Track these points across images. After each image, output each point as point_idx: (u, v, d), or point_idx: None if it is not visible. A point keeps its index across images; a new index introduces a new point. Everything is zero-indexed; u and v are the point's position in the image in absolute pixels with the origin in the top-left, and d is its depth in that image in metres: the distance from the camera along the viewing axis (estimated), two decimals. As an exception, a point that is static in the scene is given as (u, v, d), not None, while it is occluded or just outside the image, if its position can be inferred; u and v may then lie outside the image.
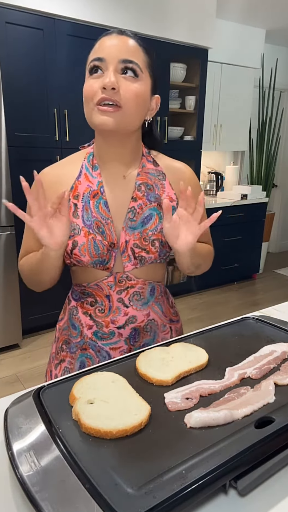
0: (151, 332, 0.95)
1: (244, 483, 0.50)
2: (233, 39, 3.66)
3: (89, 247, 0.84)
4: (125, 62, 0.76)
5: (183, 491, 0.44)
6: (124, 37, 0.78)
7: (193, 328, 0.97)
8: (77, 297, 0.94)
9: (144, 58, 0.79)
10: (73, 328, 0.95)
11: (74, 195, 0.86)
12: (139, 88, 0.78)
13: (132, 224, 0.86)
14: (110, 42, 0.77)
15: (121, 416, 0.55)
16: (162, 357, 0.72)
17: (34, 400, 0.61)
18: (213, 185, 4.01)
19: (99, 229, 0.84)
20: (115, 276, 0.88)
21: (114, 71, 0.76)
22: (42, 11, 2.36)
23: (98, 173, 0.87)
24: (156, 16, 2.79)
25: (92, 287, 0.90)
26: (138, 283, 0.89)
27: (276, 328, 0.85)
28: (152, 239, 0.86)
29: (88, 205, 0.85)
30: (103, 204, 0.85)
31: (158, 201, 0.88)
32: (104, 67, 0.76)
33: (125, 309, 0.90)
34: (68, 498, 0.44)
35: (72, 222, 0.85)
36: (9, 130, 2.39)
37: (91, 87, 0.77)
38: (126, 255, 0.86)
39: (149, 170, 0.90)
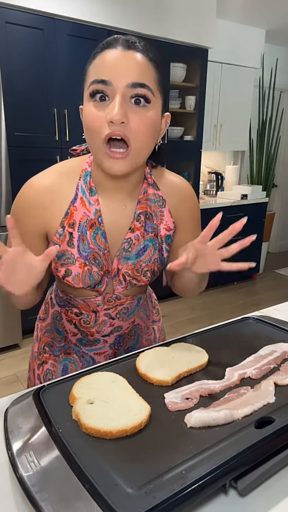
0: (135, 336, 0.95)
1: (244, 483, 0.50)
2: (233, 39, 3.66)
3: (84, 278, 0.79)
4: (135, 86, 0.64)
5: (183, 491, 0.44)
6: (131, 52, 0.65)
7: (193, 328, 0.97)
8: (61, 303, 0.90)
9: (155, 77, 0.67)
10: (57, 333, 0.93)
11: (70, 222, 0.77)
12: (151, 118, 0.67)
13: (126, 255, 0.81)
14: (115, 60, 0.64)
15: (121, 416, 0.55)
16: (162, 357, 0.72)
17: (34, 400, 0.61)
18: (213, 185, 4.01)
19: (96, 260, 0.79)
20: (104, 296, 0.84)
21: (122, 99, 0.63)
22: (42, 11, 2.36)
23: (96, 199, 0.78)
24: (156, 16, 2.79)
25: (78, 301, 0.86)
26: (127, 301, 0.87)
27: (276, 328, 0.85)
28: (144, 270, 0.83)
29: (84, 235, 0.78)
30: (101, 235, 0.78)
31: (155, 232, 0.83)
32: (110, 92, 0.64)
33: (111, 321, 0.88)
34: (68, 498, 0.44)
35: (67, 251, 0.78)
36: (9, 130, 2.39)
37: (96, 118, 0.65)
38: (118, 280, 0.83)
39: (150, 196, 0.83)
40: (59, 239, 0.78)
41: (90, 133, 0.67)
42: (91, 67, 0.67)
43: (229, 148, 4.08)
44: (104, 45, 0.67)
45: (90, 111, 0.66)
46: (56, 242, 0.78)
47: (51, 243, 0.79)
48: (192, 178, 3.47)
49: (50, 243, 0.79)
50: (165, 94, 0.72)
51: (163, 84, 0.70)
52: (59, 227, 0.77)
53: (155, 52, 0.69)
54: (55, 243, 0.78)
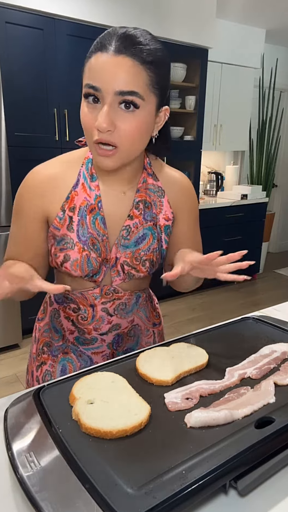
0: (135, 337, 0.94)
1: (244, 483, 0.50)
2: (233, 39, 3.66)
3: (82, 264, 0.80)
4: (122, 94, 0.66)
5: (183, 491, 0.44)
6: (121, 58, 0.65)
7: (193, 328, 0.97)
8: (59, 300, 0.91)
9: (146, 79, 0.68)
10: (54, 332, 0.93)
11: (70, 206, 0.80)
12: (140, 120, 0.69)
13: (125, 243, 0.83)
14: (105, 65, 0.65)
15: (121, 416, 0.55)
16: (162, 357, 0.72)
17: (34, 400, 0.61)
18: (213, 185, 4.01)
19: (94, 246, 0.80)
20: (101, 289, 0.85)
21: (109, 107, 0.66)
22: (42, 11, 2.36)
23: (96, 185, 0.81)
24: (156, 16, 2.79)
25: (76, 294, 0.87)
26: (124, 295, 0.87)
27: (276, 328, 0.85)
28: (143, 259, 0.84)
29: (84, 220, 0.80)
30: (100, 220, 0.81)
31: (154, 221, 0.85)
32: (100, 96, 0.67)
33: (109, 318, 0.88)
34: (68, 498, 0.44)
35: (66, 235, 0.80)
36: (9, 130, 2.39)
37: (88, 120, 0.69)
38: (116, 270, 0.84)
39: (149, 185, 0.85)
40: (59, 223, 0.80)
41: (84, 131, 0.72)
42: (86, 66, 0.69)
43: (229, 148, 4.08)
44: (98, 45, 0.67)
45: (84, 111, 0.70)
46: (56, 226, 0.80)
47: (51, 227, 0.81)
48: (192, 178, 3.47)
49: (50, 227, 0.81)
50: (162, 91, 0.73)
51: (158, 83, 0.70)
52: (60, 211, 0.80)
53: (152, 49, 0.68)
54: (55, 227, 0.80)
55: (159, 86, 0.71)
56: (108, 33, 0.68)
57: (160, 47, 0.71)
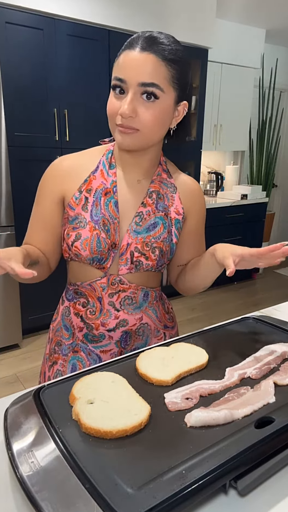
0: (143, 336, 0.94)
1: (244, 483, 0.50)
2: (233, 39, 3.66)
3: (92, 243, 0.84)
4: (144, 85, 0.74)
5: (183, 491, 0.44)
6: (146, 54, 0.74)
7: (193, 328, 0.97)
8: (70, 297, 0.95)
9: (167, 74, 0.76)
10: (65, 330, 0.95)
11: (87, 188, 0.87)
12: (158, 111, 0.77)
13: (137, 229, 0.87)
14: (131, 61, 0.75)
15: (121, 416, 0.55)
16: (162, 357, 0.72)
17: (34, 400, 0.61)
18: (213, 185, 4.01)
19: (105, 227, 0.85)
20: (108, 278, 0.88)
21: (133, 96, 0.75)
22: (42, 11, 2.36)
23: (114, 172, 0.88)
24: (156, 16, 2.79)
25: (85, 286, 0.90)
26: (130, 288, 0.90)
27: (276, 328, 0.85)
28: (153, 246, 0.87)
29: (98, 201, 0.86)
30: (114, 203, 0.86)
31: (165, 211, 0.90)
32: (125, 88, 0.76)
33: (115, 313, 0.90)
34: (68, 498, 0.44)
35: (80, 214, 0.85)
36: (9, 130, 2.39)
37: (113, 107, 0.78)
38: (124, 258, 0.87)
39: (163, 179, 0.91)
40: (75, 202, 0.86)
41: (109, 116, 0.80)
42: (116, 62, 0.79)
43: (229, 148, 4.08)
44: (127, 45, 0.77)
45: (111, 100, 0.79)
46: (72, 206, 0.86)
47: (67, 207, 0.87)
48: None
49: (66, 207, 0.87)
50: (182, 86, 0.80)
51: (179, 79, 0.78)
52: (77, 191, 0.87)
53: (174, 49, 0.77)
54: (71, 206, 0.86)
55: (178, 82, 0.79)
56: (136, 35, 0.78)
57: (181, 48, 0.79)
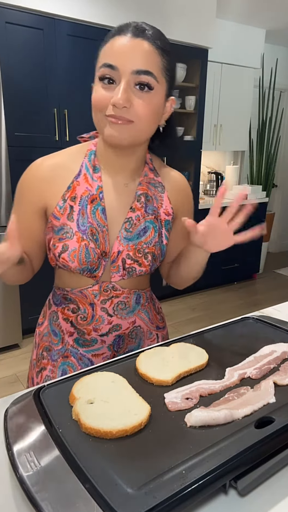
0: (136, 339, 0.93)
1: (244, 483, 0.50)
2: (233, 39, 3.66)
3: (80, 254, 0.79)
4: (139, 73, 0.69)
5: (183, 491, 0.44)
6: (139, 40, 0.69)
7: (193, 328, 0.97)
8: (58, 302, 0.90)
9: (160, 63, 0.72)
10: (53, 335, 0.91)
11: (71, 196, 0.80)
12: (153, 102, 0.72)
13: (127, 235, 0.83)
14: (123, 46, 0.69)
15: (121, 416, 0.55)
16: (162, 357, 0.72)
17: (34, 400, 0.61)
18: (213, 185, 4.01)
19: (93, 236, 0.80)
20: (100, 285, 0.85)
21: (127, 85, 0.69)
22: (42, 11, 2.36)
23: (99, 176, 0.82)
24: (156, 16, 2.79)
25: (75, 293, 0.86)
26: (123, 293, 0.87)
27: (276, 328, 0.85)
28: (145, 252, 0.84)
29: (84, 209, 0.80)
30: (101, 211, 0.81)
31: (155, 214, 0.86)
32: (116, 77, 0.69)
33: (109, 318, 0.87)
34: (68, 498, 0.44)
35: (65, 224, 0.80)
36: (9, 130, 2.39)
37: (102, 98, 0.71)
38: (116, 265, 0.83)
39: (150, 180, 0.87)
40: (59, 212, 0.80)
41: (96, 109, 0.73)
42: (102, 50, 0.72)
43: (229, 148, 4.08)
44: (116, 31, 0.71)
45: (99, 91, 0.72)
46: (56, 215, 0.80)
47: (50, 217, 0.81)
48: (192, 178, 3.47)
49: (50, 217, 0.81)
50: (171, 80, 0.76)
51: (169, 70, 0.74)
52: (61, 199, 0.80)
53: (164, 40, 0.73)
54: (55, 216, 0.80)
55: (169, 74, 0.75)
56: (124, 23, 0.72)
57: (168, 41, 0.75)
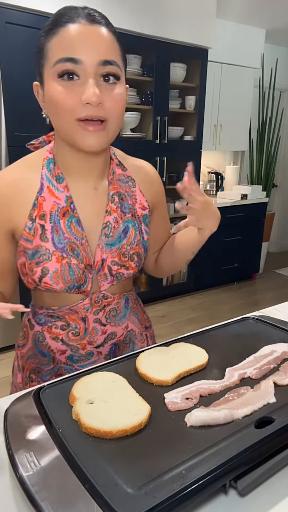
0: (130, 343, 0.90)
1: (244, 483, 0.50)
2: (233, 39, 3.66)
3: (63, 273, 0.73)
4: (105, 64, 0.63)
5: (183, 491, 0.44)
6: (96, 27, 0.62)
7: (193, 328, 0.96)
8: (42, 321, 0.83)
9: (119, 50, 0.66)
10: (42, 356, 0.84)
11: (40, 214, 0.73)
12: (121, 94, 0.66)
13: (108, 241, 0.78)
14: (82, 36, 0.61)
15: (121, 416, 0.55)
16: (162, 357, 0.72)
17: (34, 400, 0.61)
18: (213, 185, 4.01)
19: (74, 251, 0.74)
20: (91, 298, 0.80)
21: (95, 79, 0.62)
22: (42, 11, 2.35)
23: (64, 185, 0.75)
24: (156, 16, 2.79)
25: (64, 311, 0.80)
26: (114, 300, 0.83)
27: (276, 328, 0.85)
28: (131, 254, 0.80)
29: (58, 226, 0.73)
30: (76, 222, 0.75)
31: (132, 212, 0.82)
32: (80, 71, 0.62)
33: (102, 328, 0.83)
34: (68, 498, 0.44)
35: (40, 246, 0.73)
36: (9, 130, 2.39)
37: (67, 98, 0.63)
38: (102, 274, 0.79)
39: (119, 176, 0.81)
40: (30, 234, 0.73)
41: (60, 112, 0.65)
42: (52, 42, 0.63)
43: (229, 148, 4.08)
44: (65, 19, 0.63)
45: (58, 90, 0.63)
46: (27, 238, 0.73)
47: (21, 241, 0.74)
48: (192, 178, 3.46)
49: (20, 241, 0.74)
50: (126, 66, 0.72)
51: (124, 56, 0.69)
52: (28, 220, 0.73)
53: (111, 23, 0.68)
54: (26, 238, 0.73)
55: (124, 61, 0.70)
56: (67, 8, 0.64)
57: None
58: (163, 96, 3.00)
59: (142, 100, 2.99)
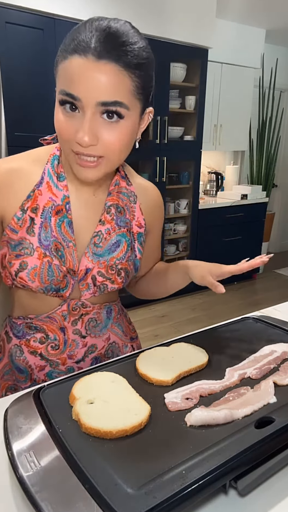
0: (113, 356, 0.87)
1: (244, 483, 0.50)
2: (233, 39, 3.66)
3: (42, 272, 0.71)
4: (106, 105, 0.59)
5: (183, 491, 0.44)
6: (103, 63, 0.57)
7: (193, 328, 0.96)
8: (20, 334, 0.80)
9: (131, 86, 0.61)
10: (18, 372, 0.80)
11: (32, 207, 0.71)
12: (124, 132, 0.63)
13: (97, 251, 0.76)
14: (85, 73, 0.58)
15: (121, 416, 0.55)
16: (162, 357, 0.72)
17: (34, 400, 0.61)
18: (213, 185, 4.01)
19: (58, 252, 0.72)
20: (68, 304, 0.77)
21: (92, 117, 0.60)
22: (42, 11, 2.36)
23: (64, 185, 0.73)
24: (156, 16, 2.79)
25: (42, 319, 0.78)
26: (93, 309, 0.80)
27: (276, 328, 0.85)
28: (119, 268, 0.78)
29: (48, 222, 0.72)
30: (67, 223, 0.73)
31: (127, 227, 0.79)
32: (80, 106, 0.60)
33: (82, 340, 0.80)
34: (68, 498, 0.44)
35: (24, 239, 0.71)
36: (9, 130, 2.39)
37: (66, 129, 0.62)
38: (85, 283, 0.76)
39: (122, 189, 0.80)
40: (17, 224, 0.71)
41: (60, 138, 0.65)
42: (60, 67, 0.61)
43: (229, 148, 4.08)
44: (74, 44, 0.58)
45: (60, 118, 0.63)
46: (13, 228, 0.71)
47: (6, 229, 0.72)
48: (192, 178, 3.47)
49: (6, 229, 0.72)
50: (147, 95, 0.67)
51: (144, 87, 0.64)
52: (19, 210, 0.71)
53: (137, 50, 0.61)
54: (12, 228, 0.71)
55: (143, 91, 0.65)
56: (85, 28, 0.59)
57: (144, 44, 0.63)
58: (163, 96, 3.01)
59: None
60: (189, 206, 3.46)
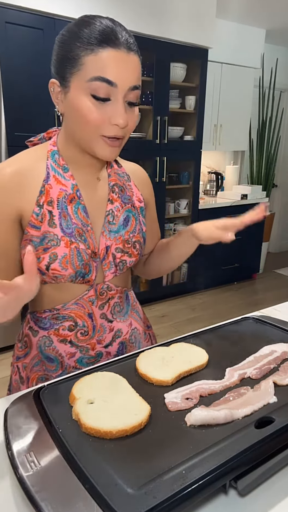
0: (136, 343, 0.92)
1: (244, 483, 0.50)
2: (233, 39, 3.66)
3: (72, 258, 0.75)
4: (133, 89, 0.70)
5: (183, 491, 0.44)
6: (132, 55, 0.69)
7: (193, 328, 0.96)
8: (47, 326, 0.82)
9: (141, 73, 0.73)
10: (48, 361, 0.83)
11: (47, 200, 0.75)
12: (137, 115, 0.75)
13: (112, 228, 0.81)
14: (121, 62, 0.67)
15: (121, 416, 0.55)
16: (162, 357, 0.72)
17: (34, 400, 0.61)
18: (213, 185, 4.01)
19: (81, 236, 0.77)
20: (95, 289, 0.81)
21: (124, 102, 0.69)
22: (42, 11, 2.36)
23: (70, 175, 0.78)
24: (156, 16, 2.79)
25: (69, 307, 0.80)
26: (117, 293, 0.85)
27: (276, 328, 0.85)
28: (133, 241, 0.84)
29: (66, 211, 0.76)
30: (82, 209, 0.78)
31: (131, 203, 0.86)
32: (113, 94, 0.68)
33: (109, 325, 0.84)
34: (68, 498, 0.44)
35: (48, 232, 0.74)
36: (9, 130, 2.39)
37: (97, 116, 0.69)
38: (107, 263, 0.81)
39: (116, 170, 0.87)
40: (37, 220, 0.74)
41: (84, 124, 0.70)
42: (89, 58, 0.66)
43: (229, 148, 4.08)
44: (104, 40, 0.66)
45: (88, 106, 0.68)
46: (34, 224, 0.74)
47: (28, 227, 0.74)
48: (192, 178, 3.47)
49: (27, 227, 0.74)
50: None
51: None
52: (35, 206, 0.74)
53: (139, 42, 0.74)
54: (33, 225, 0.74)
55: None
56: (109, 30, 0.67)
57: None
58: (163, 96, 3.00)
59: (142, 100, 2.99)
60: (189, 206, 3.46)
